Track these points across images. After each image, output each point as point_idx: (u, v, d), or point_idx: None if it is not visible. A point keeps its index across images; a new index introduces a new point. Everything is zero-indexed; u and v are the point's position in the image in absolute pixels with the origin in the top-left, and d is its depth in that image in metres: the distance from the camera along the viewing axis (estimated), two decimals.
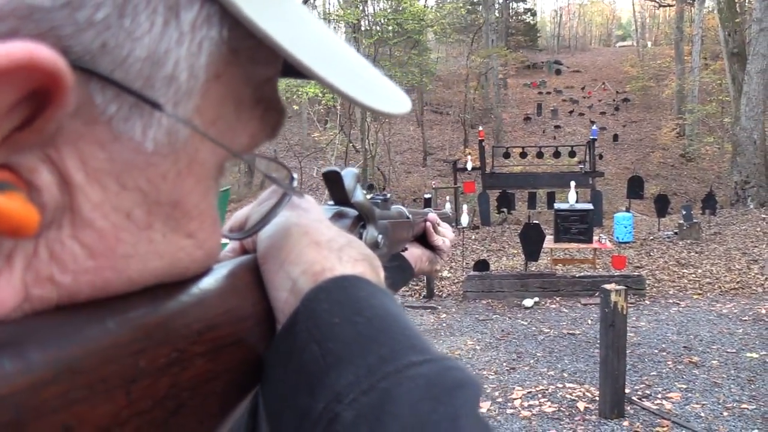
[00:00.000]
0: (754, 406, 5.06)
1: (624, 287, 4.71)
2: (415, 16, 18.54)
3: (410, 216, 0.89)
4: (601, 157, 27.62)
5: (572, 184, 10.00)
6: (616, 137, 30.75)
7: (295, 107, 25.18)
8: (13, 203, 0.24)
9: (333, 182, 0.58)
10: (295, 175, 0.43)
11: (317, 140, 25.04)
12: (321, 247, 0.39)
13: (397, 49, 21.90)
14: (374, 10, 22.36)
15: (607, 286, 4.69)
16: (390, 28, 20.95)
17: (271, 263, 0.39)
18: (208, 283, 0.35)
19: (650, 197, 17.59)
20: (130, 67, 0.27)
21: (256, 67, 0.34)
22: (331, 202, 0.60)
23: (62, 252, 0.27)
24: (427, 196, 9.02)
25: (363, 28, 21.69)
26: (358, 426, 0.29)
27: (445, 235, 1.08)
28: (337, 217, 0.58)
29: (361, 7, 19.66)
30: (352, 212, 0.59)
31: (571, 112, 35.08)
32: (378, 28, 21.09)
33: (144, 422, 0.27)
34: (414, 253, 1.03)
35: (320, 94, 18.72)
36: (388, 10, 21.66)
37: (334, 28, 26.70)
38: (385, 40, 19.97)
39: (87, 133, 0.27)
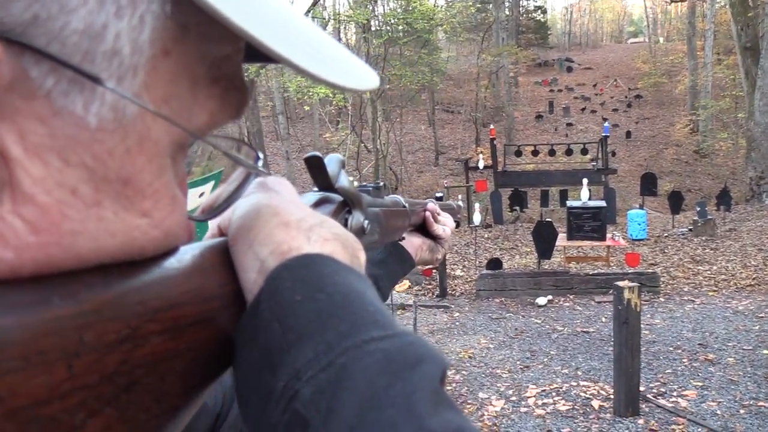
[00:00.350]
0: None
1: (637, 284, 4.67)
2: (425, 15, 18.50)
3: (406, 205, 0.88)
4: (614, 154, 27.52)
5: (585, 181, 9.93)
6: (629, 134, 30.62)
7: (306, 108, 25.24)
8: None
9: (315, 167, 0.56)
10: (261, 155, 0.42)
11: (329, 141, 25.06)
12: (290, 228, 0.38)
13: (407, 49, 21.87)
14: (384, 10, 22.36)
15: (620, 283, 4.66)
16: (400, 27, 20.92)
17: (241, 244, 0.38)
18: (170, 262, 0.34)
19: (664, 194, 17.45)
20: (66, 40, 0.26)
21: (210, 44, 0.33)
22: (316, 189, 0.59)
23: (2, 227, 0.26)
24: (438, 195, 8.94)
25: (373, 29, 21.68)
26: (316, 402, 0.29)
27: (445, 224, 1.07)
28: (321, 203, 0.56)
29: (370, 8, 19.63)
30: (338, 198, 0.58)
31: (583, 109, 34.94)
32: (388, 27, 21.07)
33: (90, 396, 0.26)
34: (414, 243, 1.03)
35: (331, 95, 18.73)
36: (398, 10, 21.64)
37: (344, 28, 26.74)
38: (395, 40, 19.95)
39: (25, 108, 0.26)
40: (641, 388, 5.37)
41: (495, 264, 9.40)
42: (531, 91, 39.09)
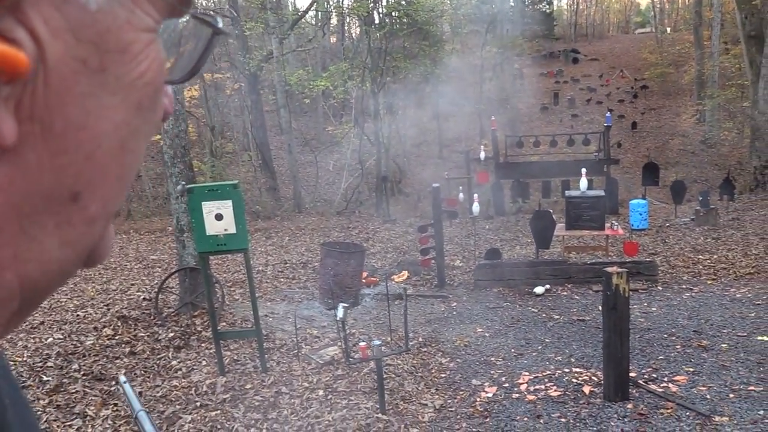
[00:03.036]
0: (762, 388, 5.04)
1: (625, 270, 4.70)
2: (425, 7, 18.45)
3: None
4: (619, 145, 27.43)
5: (583, 171, 9.90)
6: (634, 125, 30.50)
7: (306, 101, 25.26)
8: (9, 50, 0.31)
9: None
10: (219, 18, 0.47)
11: (332, 134, 25.10)
12: None
13: (408, 41, 21.84)
14: (387, 2, 22.31)
15: (609, 269, 4.69)
16: (404, 20, 20.88)
17: None
18: None
19: (669, 184, 17.40)
20: None
21: None
22: None
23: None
24: (435, 185, 9.02)
25: (377, 21, 21.66)
26: None
27: None
28: None
29: (371, 1, 19.59)
30: None
31: (588, 100, 34.81)
32: (389, 20, 21.02)
33: None
34: None
35: (331, 88, 18.76)
36: (402, 2, 21.59)
37: (348, 20, 26.73)
38: (396, 32, 19.92)
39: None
40: (633, 374, 5.42)
41: (493, 254, 9.44)
42: (536, 83, 38.93)
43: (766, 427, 4.39)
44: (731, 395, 4.95)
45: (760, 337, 6.26)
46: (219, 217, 5.63)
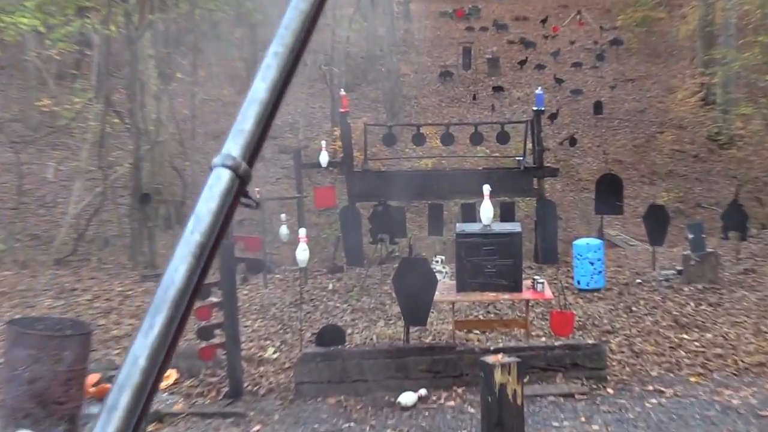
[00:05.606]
0: None
1: (516, 359, 5.14)
2: None
3: None
4: (573, 142, 28.74)
5: (485, 189, 10.43)
6: (598, 107, 31.87)
7: None
8: None
9: None
10: None
11: (53, 111, 24.71)
12: None
13: None
14: None
15: (488, 358, 5.11)
16: None
17: None
18: None
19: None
20: None
21: None
22: None
23: None
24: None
25: None
26: None
27: None
28: None
29: None
30: None
31: (522, 62, 36.35)
32: None
33: None
34: None
35: (43, 30, 18.56)
36: None
37: None
38: None
39: None
40: None
41: (331, 335, 9.77)
42: (434, 30, 40.38)
43: None
44: None
45: None
46: None
